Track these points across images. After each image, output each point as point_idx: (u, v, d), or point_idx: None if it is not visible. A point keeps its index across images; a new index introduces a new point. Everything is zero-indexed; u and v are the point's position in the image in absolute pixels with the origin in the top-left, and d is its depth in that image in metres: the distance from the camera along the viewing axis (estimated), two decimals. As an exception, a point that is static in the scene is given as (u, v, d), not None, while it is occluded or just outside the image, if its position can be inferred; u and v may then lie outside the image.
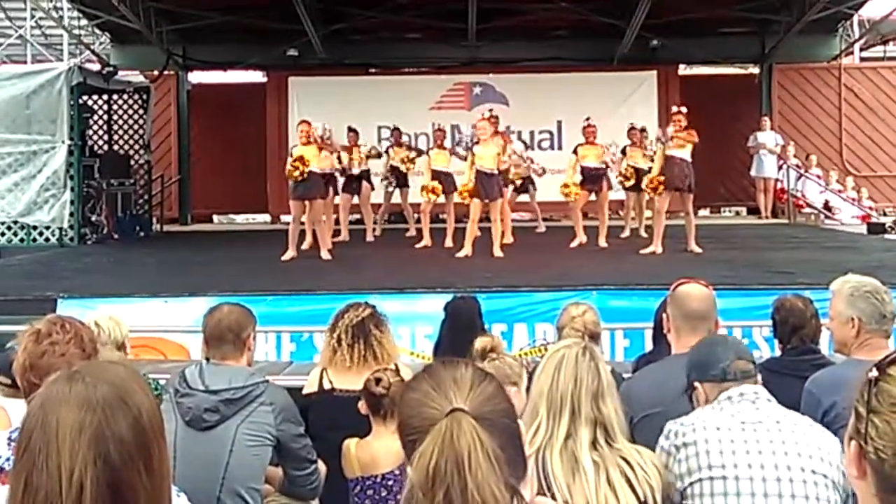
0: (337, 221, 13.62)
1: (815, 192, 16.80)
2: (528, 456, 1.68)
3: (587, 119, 12.59)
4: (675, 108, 11.66)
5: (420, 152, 13.92)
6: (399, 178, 14.01)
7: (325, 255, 11.22)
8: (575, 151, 12.47)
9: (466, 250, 11.00)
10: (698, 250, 11.15)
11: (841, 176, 17.26)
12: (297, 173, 10.92)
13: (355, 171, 13.40)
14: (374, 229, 13.96)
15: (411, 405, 1.59)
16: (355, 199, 13.59)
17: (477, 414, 1.50)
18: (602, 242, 12.10)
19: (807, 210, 16.73)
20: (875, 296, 3.45)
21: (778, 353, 4.35)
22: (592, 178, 12.20)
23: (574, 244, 12.04)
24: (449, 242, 11.81)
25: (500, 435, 1.49)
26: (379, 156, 14.26)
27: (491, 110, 13.44)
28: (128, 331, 4.39)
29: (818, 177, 16.93)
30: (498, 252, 10.92)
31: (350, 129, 13.70)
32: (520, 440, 1.62)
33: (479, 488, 1.40)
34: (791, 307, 4.19)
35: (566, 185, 12.00)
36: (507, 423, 1.57)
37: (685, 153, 11.23)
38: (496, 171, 10.90)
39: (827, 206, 16.50)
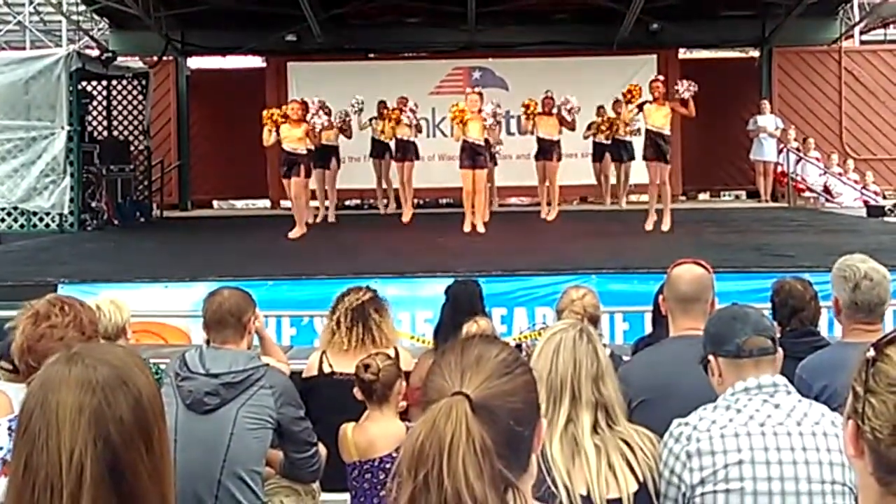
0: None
1: (815, 176, 16.78)
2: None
3: (546, 91, 13.24)
4: (653, 77, 12.06)
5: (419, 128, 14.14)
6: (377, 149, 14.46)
7: (293, 234, 11.49)
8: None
9: (468, 223, 11.62)
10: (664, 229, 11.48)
11: (841, 159, 17.25)
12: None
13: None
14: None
15: (433, 376, 1.57)
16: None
17: (480, 403, 1.47)
18: (550, 216, 12.72)
19: (806, 193, 16.72)
20: (850, 282, 3.39)
21: (777, 335, 4.35)
22: (544, 149, 12.86)
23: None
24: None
25: (499, 431, 1.46)
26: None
27: (474, 87, 13.77)
28: (129, 315, 4.39)
29: (817, 160, 16.92)
30: (481, 227, 11.46)
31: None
32: (524, 442, 1.57)
33: (455, 476, 1.37)
34: (790, 290, 4.20)
35: None
36: (510, 424, 1.51)
37: (661, 124, 11.56)
38: (482, 143, 11.51)
39: (826, 190, 16.50)
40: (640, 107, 11.71)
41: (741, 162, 17.63)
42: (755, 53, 17.99)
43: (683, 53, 18.46)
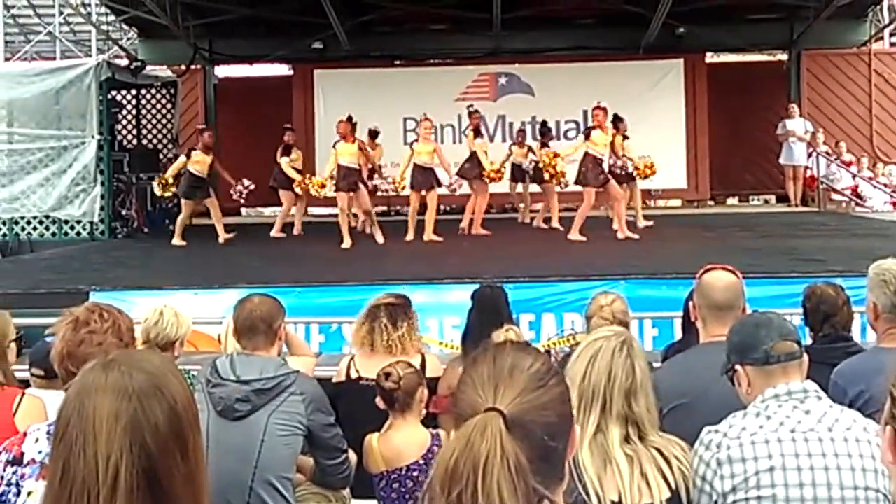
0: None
1: (846, 180, 16.61)
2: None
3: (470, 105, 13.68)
4: (595, 103, 12.26)
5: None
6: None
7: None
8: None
9: (410, 235, 12.21)
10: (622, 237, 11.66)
11: (871, 162, 17.06)
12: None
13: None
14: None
15: (464, 387, 1.54)
16: None
17: (514, 419, 1.45)
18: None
19: (837, 197, 16.54)
20: (891, 286, 3.36)
21: (809, 341, 4.31)
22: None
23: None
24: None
25: (533, 447, 1.45)
26: None
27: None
28: (186, 332, 4.34)
29: (848, 164, 16.74)
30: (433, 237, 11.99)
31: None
32: (558, 454, 1.54)
33: (490, 496, 1.36)
34: (822, 295, 4.15)
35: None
36: (544, 439, 1.49)
37: (599, 150, 11.65)
38: (431, 166, 12.01)
39: (857, 194, 16.31)
40: (588, 134, 11.82)
41: (770, 166, 17.48)
42: (783, 56, 17.84)
43: (710, 57, 18.34)
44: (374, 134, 14.42)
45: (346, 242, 11.71)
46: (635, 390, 2.58)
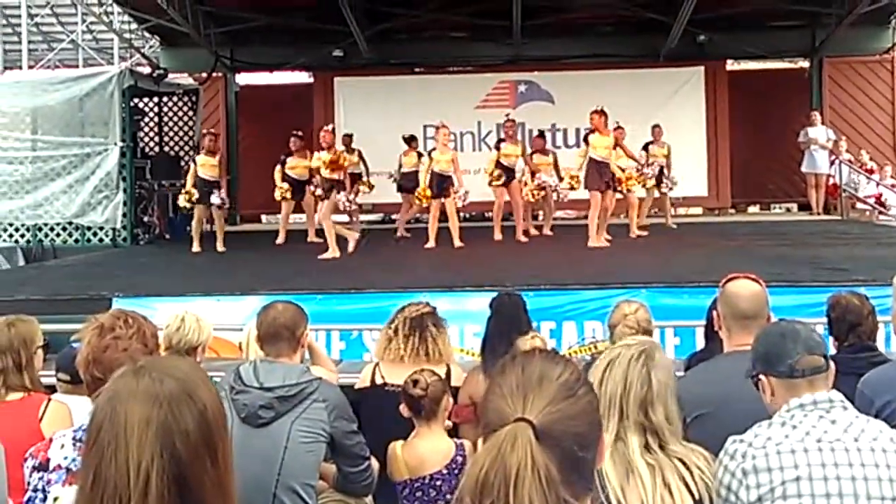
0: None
1: (869, 188, 16.49)
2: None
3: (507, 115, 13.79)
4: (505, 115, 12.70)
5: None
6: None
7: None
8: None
9: (431, 243, 12.14)
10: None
11: (895, 171, 16.93)
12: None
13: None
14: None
15: (492, 396, 1.53)
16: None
17: (543, 429, 1.44)
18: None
19: (860, 206, 16.42)
20: None
21: (833, 350, 4.28)
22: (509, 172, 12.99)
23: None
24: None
25: (563, 457, 1.44)
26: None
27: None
28: (207, 338, 4.37)
29: (870, 172, 16.62)
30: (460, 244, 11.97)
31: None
32: (588, 464, 1.53)
33: None
34: (847, 304, 4.13)
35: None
36: (574, 449, 1.48)
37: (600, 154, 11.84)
38: (450, 174, 12.05)
39: (880, 202, 16.19)
40: (586, 139, 11.97)
41: (792, 174, 17.40)
42: (805, 64, 17.75)
43: (731, 65, 18.28)
44: (407, 140, 14.44)
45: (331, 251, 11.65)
46: (651, 400, 2.56)
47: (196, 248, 12.91)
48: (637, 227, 13.07)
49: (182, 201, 12.99)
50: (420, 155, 13.89)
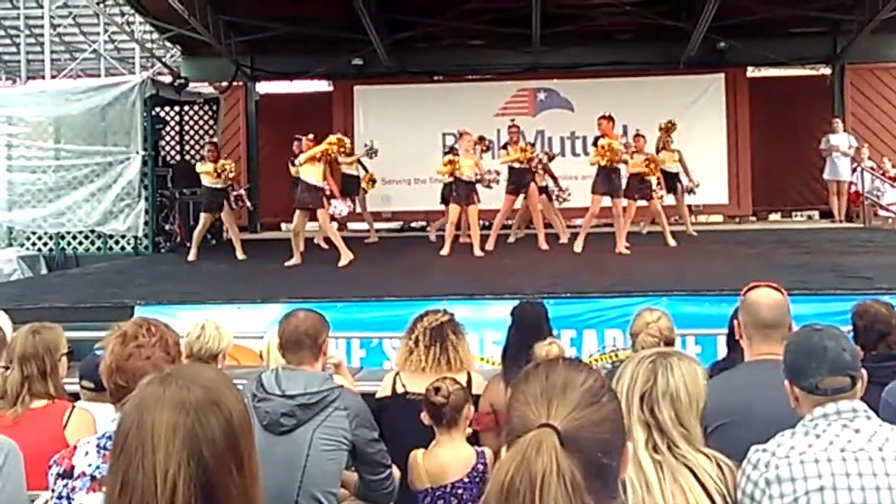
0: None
1: (892, 195, 16.34)
2: None
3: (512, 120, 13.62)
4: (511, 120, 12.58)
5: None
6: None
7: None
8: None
9: (446, 250, 12.03)
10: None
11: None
12: None
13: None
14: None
15: (516, 403, 1.54)
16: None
17: (568, 435, 1.45)
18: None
19: (882, 213, 16.28)
20: None
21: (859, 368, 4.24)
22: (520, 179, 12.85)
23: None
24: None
25: (587, 464, 1.45)
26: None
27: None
28: (227, 345, 4.40)
29: (893, 179, 16.48)
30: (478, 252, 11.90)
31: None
32: (612, 472, 1.53)
33: None
34: (876, 313, 4.08)
35: None
36: (598, 456, 1.49)
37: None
38: (473, 181, 11.96)
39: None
40: (595, 143, 11.97)
41: (813, 181, 17.28)
42: (826, 71, 17.63)
43: (752, 72, 18.18)
44: (448, 151, 14.39)
45: (296, 258, 11.83)
46: (657, 398, 2.55)
47: (193, 256, 12.99)
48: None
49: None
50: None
